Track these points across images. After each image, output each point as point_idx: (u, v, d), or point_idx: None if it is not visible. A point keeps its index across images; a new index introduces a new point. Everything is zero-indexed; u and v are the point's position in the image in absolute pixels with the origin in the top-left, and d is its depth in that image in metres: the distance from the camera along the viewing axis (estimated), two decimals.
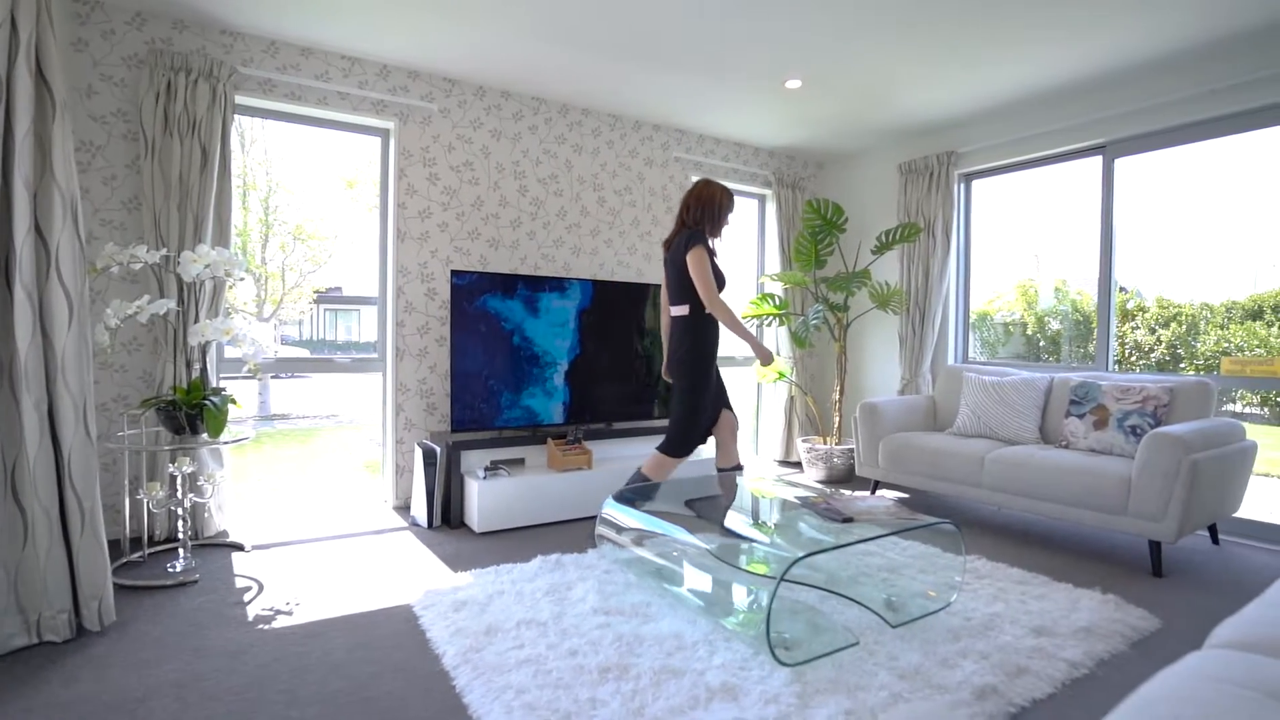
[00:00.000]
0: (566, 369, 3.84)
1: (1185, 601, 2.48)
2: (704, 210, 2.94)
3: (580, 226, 4.28)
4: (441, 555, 2.94)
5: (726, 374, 3.35)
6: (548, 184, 4.15)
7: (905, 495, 4.06)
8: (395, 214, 3.68)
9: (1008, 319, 6.00)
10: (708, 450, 4.28)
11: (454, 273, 3.49)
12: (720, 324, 2.97)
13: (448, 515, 3.41)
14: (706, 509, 2.53)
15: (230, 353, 3.30)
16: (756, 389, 5.20)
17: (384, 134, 3.74)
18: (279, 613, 2.29)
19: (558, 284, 3.82)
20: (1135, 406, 3.16)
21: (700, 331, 2.94)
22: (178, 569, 2.61)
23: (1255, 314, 6.34)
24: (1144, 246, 4.45)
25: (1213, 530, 3.23)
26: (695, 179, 4.53)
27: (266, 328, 2.77)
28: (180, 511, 2.65)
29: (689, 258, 2.85)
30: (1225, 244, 4.07)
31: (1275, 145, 3.38)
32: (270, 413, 9.60)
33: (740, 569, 2.01)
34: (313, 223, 9.11)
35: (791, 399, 4.93)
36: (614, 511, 2.63)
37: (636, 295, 4.11)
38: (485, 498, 3.28)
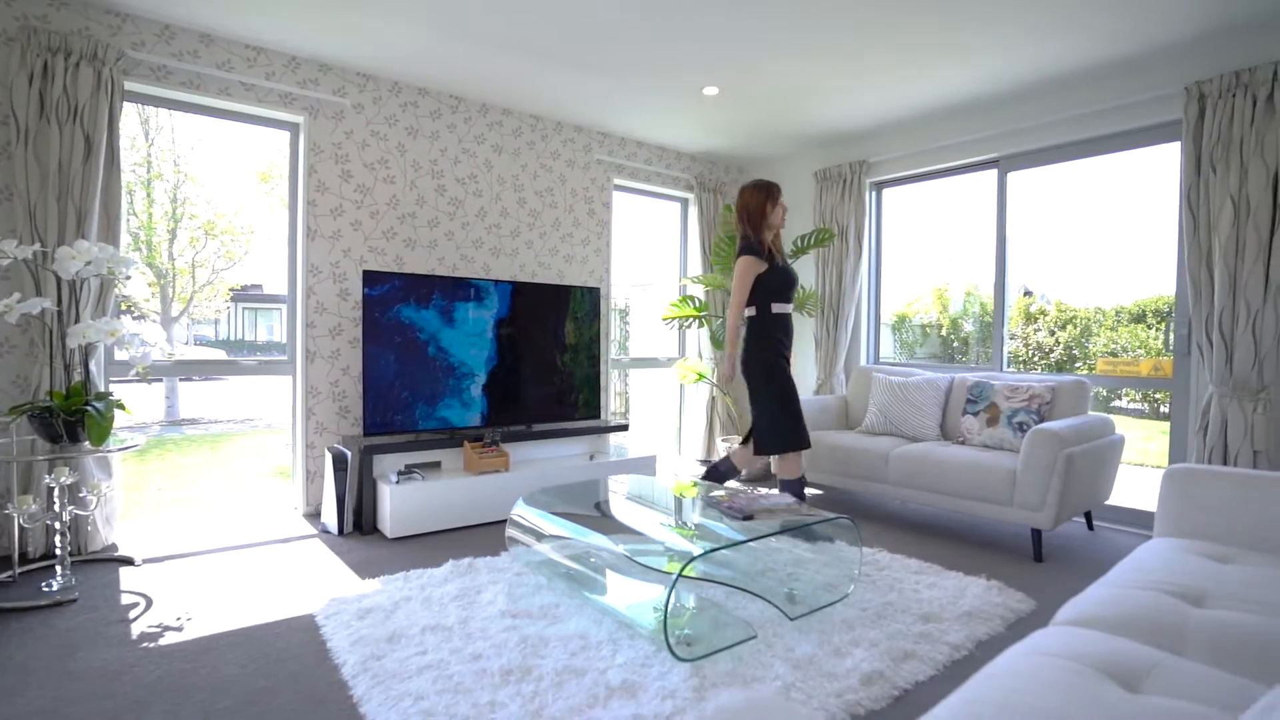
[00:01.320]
0: (485, 380, 3.80)
1: (1059, 584, 2.67)
2: (747, 218, 3.06)
3: (500, 227, 4.24)
4: (350, 562, 2.86)
5: (646, 374, 3.39)
6: (467, 184, 4.10)
7: (819, 491, 4.21)
8: (305, 211, 3.56)
9: (925, 321, 6.31)
10: (615, 450, 4.32)
11: (366, 274, 3.40)
12: (789, 325, 3.10)
13: (360, 521, 3.32)
14: (613, 510, 2.56)
15: (121, 354, 3.11)
16: (679, 390, 5.28)
17: (293, 128, 3.61)
18: (167, 629, 2.18)
19: (475, 290, 3.77)
20: (1022, 405, 3.38)
21: (761, 333, 3.04)
22: (54, 587, 2.44)
23: (1139, 318, 6.90)
24: (1045, 254, 4.76)
25: (1088, 517, 3.50)
26: (618, 181, 4.57)
27: (158, 328, 2.63)
28: (58, 526, 2.48)
29: (736, 266, 3.02)
30: (1112, 253, 4.40)
31: (1149, 164, 3.69)
32: (179, 417, 9.07)
33: (643, 567, 2.05)
34: (226, 217, 8.67)
35: (713, 399, 5.03)
36: (524, 513, 2.63)
37: (558, 297, 4.11)
38: (398, 502, 3.21)
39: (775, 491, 2.77)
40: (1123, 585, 1.55)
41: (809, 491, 4.20)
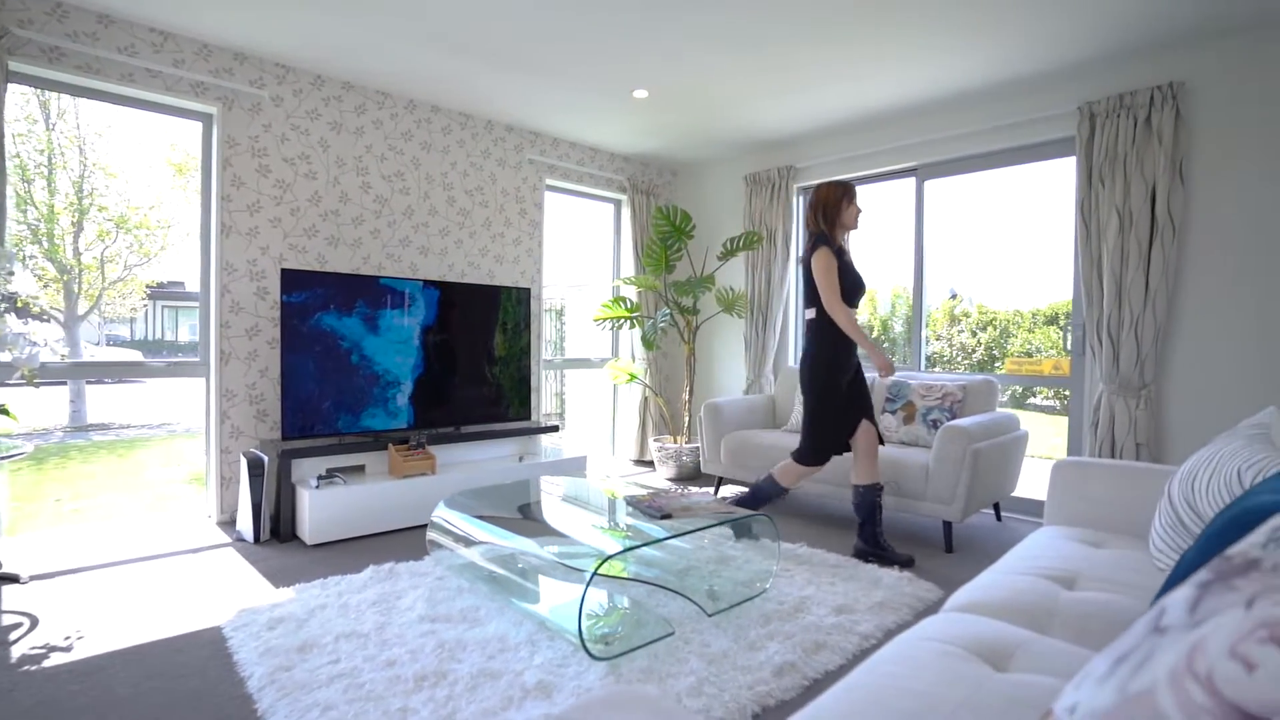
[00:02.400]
0: (412, 383, 3.73)
1: (966, 573, 2.82)
2: (822, 213, 2.93)
3: (429, 226, 4.17)
4: (265, 571, 2.76)
5: (578, 376, 3.39)
6: (393, 181, 4.01)
7: (748, 489, 4.30)
8: (219, 206, 3.41)
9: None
10: (546, 451, 4.31)
11: (286, 274, 3.28)
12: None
13: (278, 528, 3.20)
14: (536, 511, 2.56)
15: (3, 356, 2.90)
16: (613, 390, 5.30)
17: (206, 119, 3.45)
18: (53, 650, 2.05)
19: (401, 292, 3.70)
20: (936, 403, 3.55)
21: (825, 335, 2.88)
22: None
23: (1052, 319, 7.34)
24: (968, 259, 5.01)
25: (996, 508, 3.70)
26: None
27: (53, 328, 2.47)
28: None
29: (813, 261, 2.85)
30: (1026, 260, 4.68)
31: (1052, 176, 3.92)
32: (85, 423, 8.51)
33: (562, 568, 2.06)
34: (140, 210, 8.19)
35: (645, 400, 5.08)
36: (445, 516, 2.60)
37: (488, 298, 4.07)
38: (318, 508, 3.12)
39: (698, 490, 2.81)
40: (1007, 571, 1.65)
41: (736, 489, 4.29)
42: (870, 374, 3.63)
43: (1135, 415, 3.21)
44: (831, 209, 2.92)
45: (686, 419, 4.74)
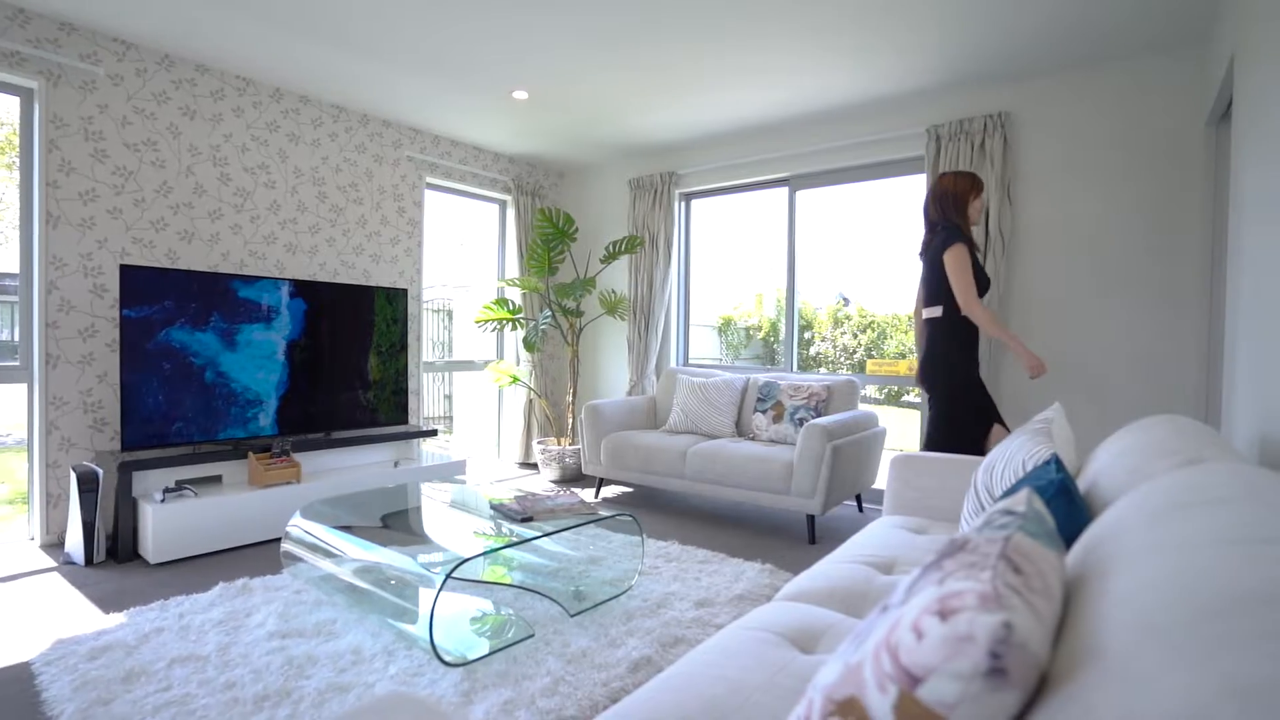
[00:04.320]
0: (278, 381, 3.53)
1: None
2: (948, 205, 2.73)
3: (297, 223, 3.95)
4: (94, 596, 2.52)
5: (468, 378, 3.32)
6: (257, 174, 3.77)
7: (630, 489, 4.38)
8: (44, 193, 3.08)
9: (748, 324, 6.76)
10: (425, 456, 4.21)
11: (126, 270, 3.02)
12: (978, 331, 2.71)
13: (116, 548, 2.94)
14: (399, 518, 2.50)
15: None
16: (498, 393, 5.24)
17: (25, 94, 3.11)
18: None
19: (264, 283, 3.49)
20: (803, 402, 3.76)
21: (957, 334, 2.69)
22: None
23: None
24: (853, 266, 5.31)
25: (858, 500, 3.96)
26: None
27: None
28: None
29: (947, 256, 2.60)
30: (898, 266, 5.01)
31: (912, 190, 4.23)
32: None
33: (418, 575, 2.02)
34: None
35: (530, 402, 5.05)
36: (302, 526, 2.48)
37: (362, 298, 3.91)
38: (163, 523, 2.89)
39: (579, 492, 2.84)
40: (836, 560, 1.78)
41: (617, 490, 4.36)
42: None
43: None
44: (959, 201, 2.72)
45: (570, 421, 4.76)
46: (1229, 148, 2.67)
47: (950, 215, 2.73)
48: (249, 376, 3.43)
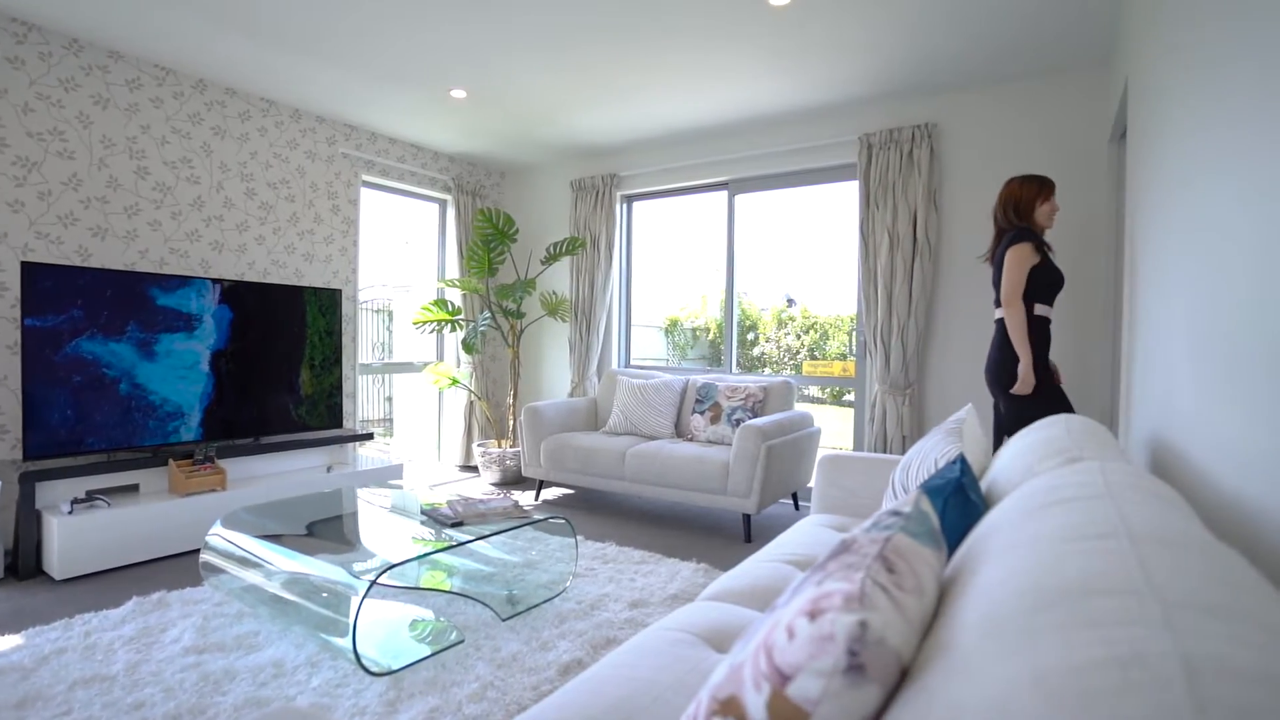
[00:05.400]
0: (204, 385, 3.39)
1: None
2: (1013, 210, 2.69)
3: (224, 220, 3.80)
4: None
5: (410, 380, 3.25)
6: (179, 168, 3.61)
7: (570, 491, 4.37)
8: None
9: (695, 325, 6.82)
10: (361, 460, 4.12)
11: (27, 269, 2.84)
12: (1048, 327, 2.64)
13: (16, 564, 2.77)
14: (325, 527, 2.44)
15: None
16: (438, 395, 5.15)
17: None
18: None
19: (190, 283, 3.35)
20: (740, 403, 3.82)
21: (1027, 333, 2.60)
22: None
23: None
24: (798, 268, 5.41)
25: (795, 499, 4.06)
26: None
27: None
28: None
29: (1008, 254, 2.56)
30: (837, 269, 5.14)
31: (847, 196, 4.35)
32: None
33: (344, 583, 1.98)
34: None
35: (470, 404, 4.99)
36: (224, 536, 2.39)
37: (293, 298, 3.79)
38: (71, 537, 2.73)
39: (503, 494, 2.82)
40: (760, 559, 1.83)
41: (558, 492, 4.35)
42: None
43: (902, 411, 3.67)
44: (1025, 206, 2.69)
45: (511, 423, 4.72)
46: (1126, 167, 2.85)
47: (1015, 219, 2.72)
48: (170, 388, 3.28)
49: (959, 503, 1.24)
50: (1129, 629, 0.44)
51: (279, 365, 3.75)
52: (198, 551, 3.11)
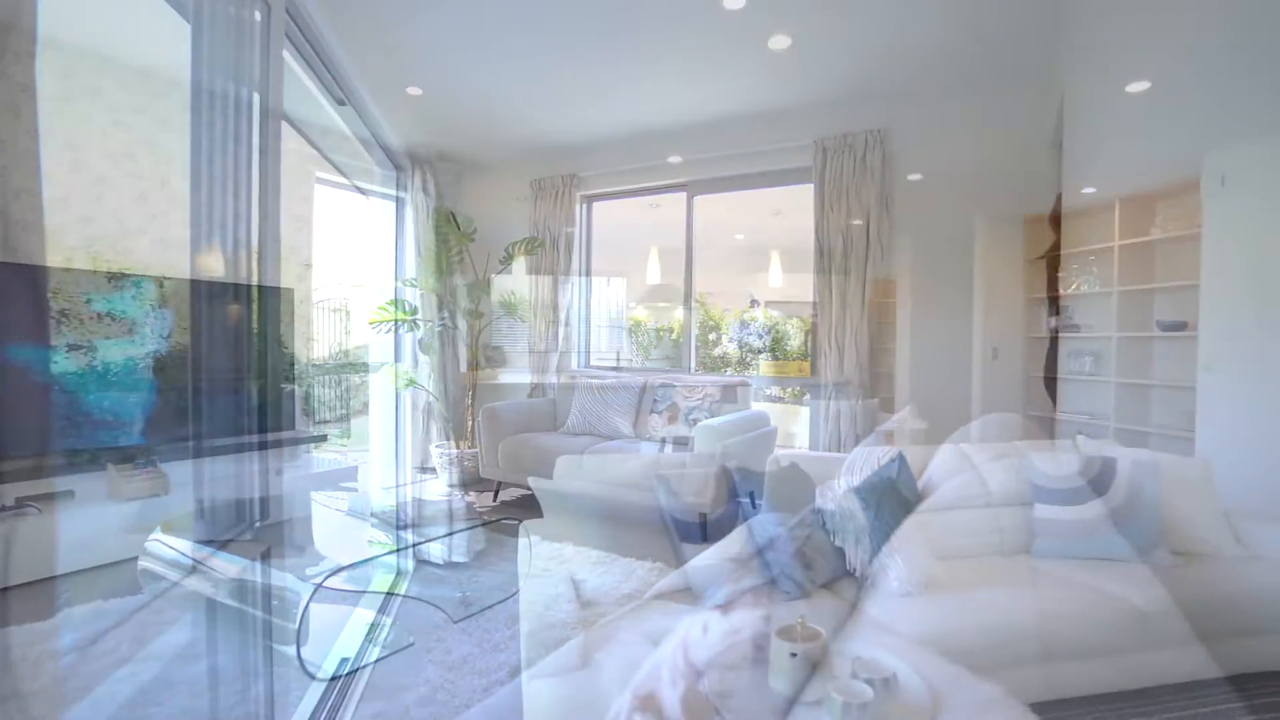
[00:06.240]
0: (146, 390, 3.27)
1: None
2: None
3: (169, 215, 3.67)
4: None
5: (359, 380, 3.18)
6: (120, 161, 3.48)
7: (528, 492, 4.34)
8: None
9: (659, 325, 6.82)
10: (315, 462, 4.04)
11: None
12: None
13: None
14: (271, 532, 2.38)
15: None
16: (395, 396, 5.07)
17: None
18: None
19: (129, 281, 3.23)
20: (698, 403, 3.85)
21: None
22: None
23: None
24: (762, 268, 5.44)
25: (752, 497, 4.10)
26: None
27: None
28: None
29: None
30: (801, 268, 5.19)
31: (804, 198, 4.40)
32: None
33: (288, 588, 1.94)
34: None
35: (429, 405, 4.93)
36: (164, 541, 2.32)
37: (241, 297, 3.68)
38: None
39: (458, 496, 2.79)
40: (708, 558, 1.85)
41: (517, 493, 4.32)
42: None
43: (856, 409, 3.75)
44: None
45: (470, 424, 4.67)
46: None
47: None
48: (108, 389, 3.16)
49: (892, 496, 1.27)
50: None
51: (225, 366, 3.63)
52: (136, 559, 3.01)
